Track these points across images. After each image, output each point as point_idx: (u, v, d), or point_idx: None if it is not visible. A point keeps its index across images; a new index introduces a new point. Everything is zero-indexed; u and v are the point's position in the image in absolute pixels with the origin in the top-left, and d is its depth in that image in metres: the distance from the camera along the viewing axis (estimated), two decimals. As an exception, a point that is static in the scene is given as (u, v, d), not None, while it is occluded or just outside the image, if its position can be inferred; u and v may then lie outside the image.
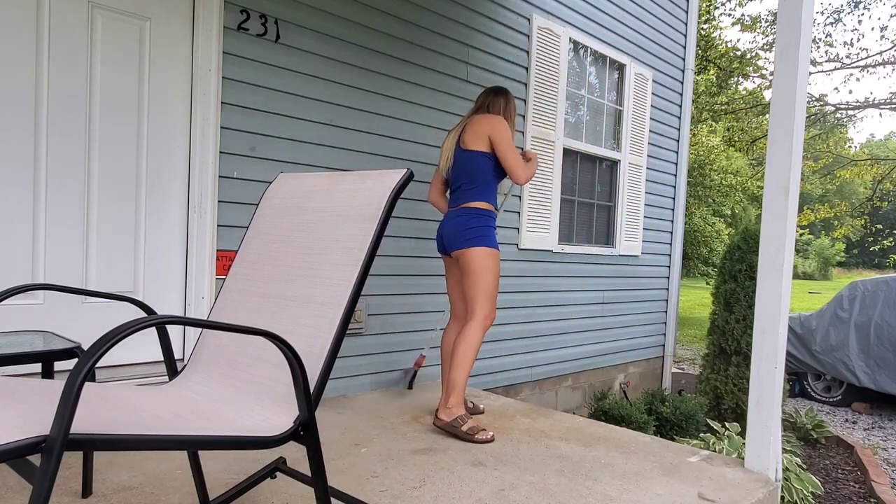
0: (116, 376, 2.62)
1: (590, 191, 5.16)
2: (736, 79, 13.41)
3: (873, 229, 22.67)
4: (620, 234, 5.38)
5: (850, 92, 16.82)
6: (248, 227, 1.87)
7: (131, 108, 2.73)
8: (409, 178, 1.63)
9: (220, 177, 2.89)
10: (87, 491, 1.94)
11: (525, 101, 4.44)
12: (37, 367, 2.37)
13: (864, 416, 6.19)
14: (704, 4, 11.79)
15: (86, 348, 2.02)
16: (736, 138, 14.02)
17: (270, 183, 1.90)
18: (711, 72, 12.79)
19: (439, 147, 3.87)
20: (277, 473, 2.10)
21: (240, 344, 1.62)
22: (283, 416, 1.40)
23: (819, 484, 3.62)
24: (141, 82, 2.75)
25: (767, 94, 13.34)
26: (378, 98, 3.51)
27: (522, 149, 4.33)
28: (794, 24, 2.37)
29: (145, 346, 2.82)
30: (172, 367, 1.70)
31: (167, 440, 1.12)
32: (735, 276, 5.12)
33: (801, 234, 30.90)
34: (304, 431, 1.34)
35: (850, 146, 19.48)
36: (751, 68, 12.86)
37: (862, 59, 13.25)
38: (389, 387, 3.64)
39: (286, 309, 1.60)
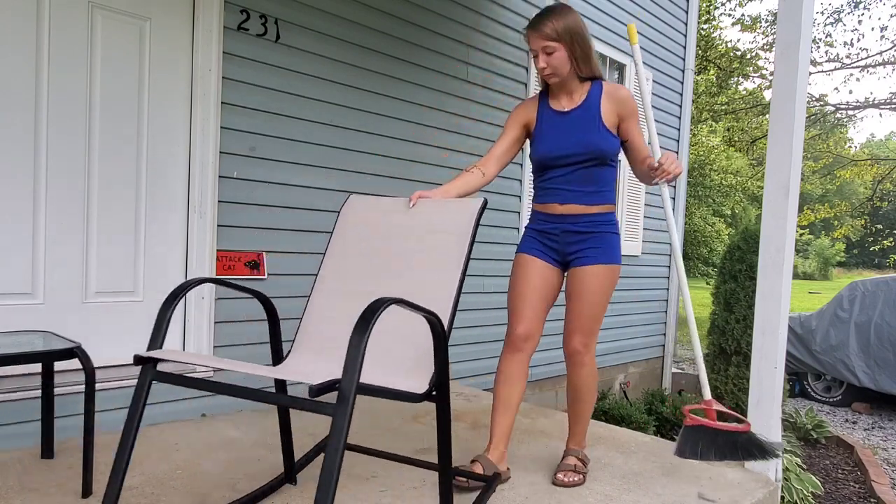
0: (116, 376, 2.62)
1: (590, 191, 5.15)
2: (736, 79, 13.41)
3: (873, 229, 22.67)
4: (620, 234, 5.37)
5: (850, 92, 16.82)
6: (331, 238, 2.16)
7: (131, 108, 2.73)
8: (485, 204, 2.05)
9: (220, 177, 2.89)
10: (87, 491, 1.94)
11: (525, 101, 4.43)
12: (37, 368, 2.38)
13: (864, 416, 6.19)
14: (704, 4, 11.79)
15: (86, 348, 2.02)
16: (736, 138, 14.02)
17: (344, 203, 2.23)
18: (711, 72, 12.80)
19: (439, 147, 3.87)
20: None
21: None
22: (412, 382, 1.76)
23: (819, 484, 3.62)
24: (141, 82, 2.75)
25: (767, 94, 13.34)
26: (378, 98, 3.51)
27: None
28: (794, 24, 2.37)
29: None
30: (279, 354, 1.99)
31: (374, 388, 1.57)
32: (735, 276, 5.12)
33: (801, 234, 30.89)
34: (437, 391, 1.72)
35: (850, 146, 19.47)
36: (751, 68, 12.87)
37: (862, 59, 13.25)
38: (389, 387, 3.64)
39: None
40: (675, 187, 6.09)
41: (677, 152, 6.10)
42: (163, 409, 2.74)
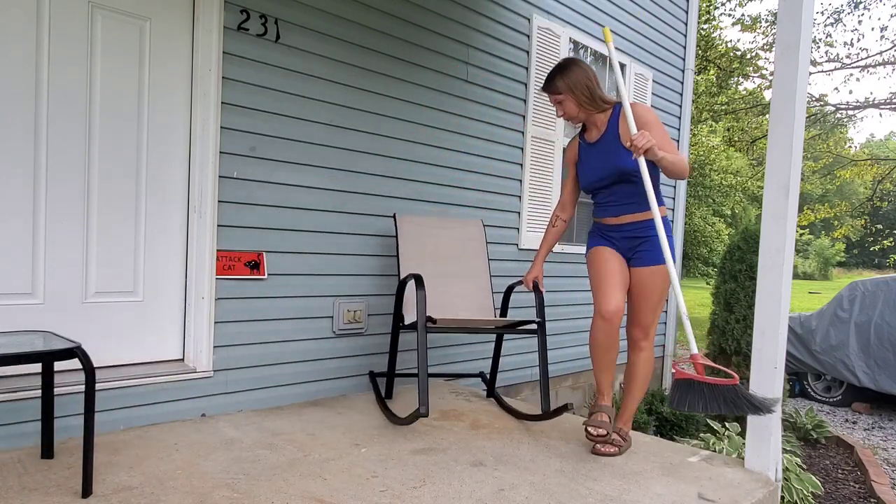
0: (116, 376, 2.62)
1: (590, 191, 5.15)
2: (736, 79, 13.41)
3: (873, 229, 22.63)
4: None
5: (850, 92, 16.81)
6: (398, 246, 3.38)
7: (131, 108, 2.73)
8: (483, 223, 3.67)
9: (220, 177, 2.88)
10: (87, 491, 1.94)
11: (525, 101, 4.44)
12: (37, 368, 2.38)
13: (864, 416, 6.19)
14: (704, 4, 11.78)
15: (86, 348, 2.02)
16: (736, 138, 14.02)
17: (396, 222, 3.44)
18: (711, 72, 12.79)
19: (439, 147, 3.87)
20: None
21: (451, 293, 3.42)
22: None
23: (819, 484, 3.62)
24: (141, 82, 2.75)
25: (767, 94, 13.33)
26: (378, 98, 3.51)
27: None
28: (794, 24, 2.37)
29: (146, 346, 2.82)
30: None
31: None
32: (735, 276, 5.12)
33: (801, 234, 30.88)
34: (539, 324, 3.03)
35: (850, 146, 19.45)
36: (751, 68, 12.86)
37: (862, 59, 13.24)
38: (389, 387, 3.64)
39: (458, 280, 3.47)
40: (675, 187, 6.09)
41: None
42: (163, 409, 2.74)
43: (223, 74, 2.87)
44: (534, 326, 2.99)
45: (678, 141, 6.09)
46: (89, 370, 1.94)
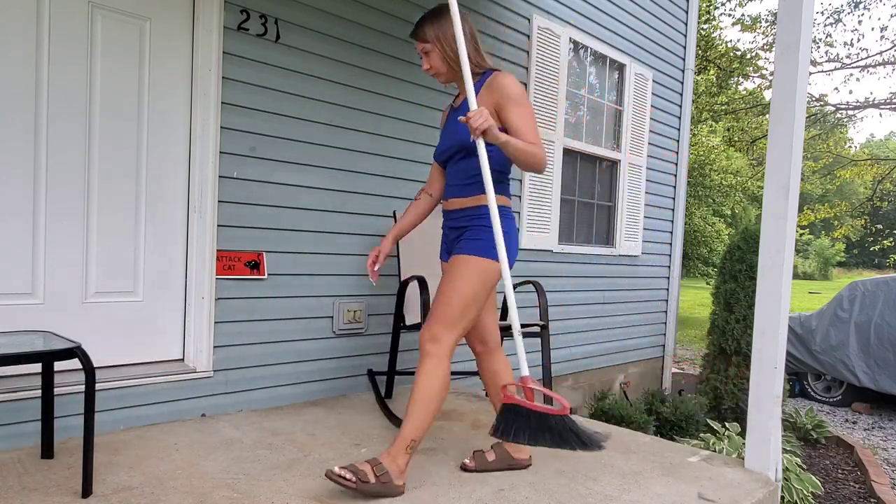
0: (116, 376, 2.62)
1: (590, 191, 5.16)
2: (736, 79, 13.40)
3: (873, 229, 22.65)
4: (620, 234, 5.38)
5: (851, 92, 16.82)
6: (399, 246, 3.26)
7: (131, 108, 2.73)
8: None
9: (220, 177, 2.88)
10: (87, 491, 1.94)
11: (525, 101, 4.43)
12: (37, 368, 2.38)
13: (864, 416, 6.19)
14: (704, 4, 11.78)
15: (86, 348, 2.02)
16: (736, 138, 14.02)
17: (396, 220, 2.77)
18: (711, 72, 12.79)
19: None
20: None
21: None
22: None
23: (819, 484, 3.62)
24: (141, 82, 2.75)
25: (767, 94, 13.33)
26: (378, 98, 3.51)
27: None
28: (794, 24, 2.37)
29: (146, 346, 2.82)
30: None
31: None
32: (735, 276, 5.12)
33: (801, 234, 30.89)
34: (542, 326, 3.00)
35: (850, 146, 19.46)
36: (751, 68, 12.86)
37: (862, 59, 13.24)
38: (389, 387, 3.64)
39: None
40: (675, 187, 6.09)
41: (677, 152, 6.10)
42: (163, 409, 2.74)
43: (223, 74, 2.87)
44: (537, 329, 2.98)
45: (678, 141, 6.09)
46: (89, 370, 1.94)
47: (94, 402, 1.95)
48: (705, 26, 12.05)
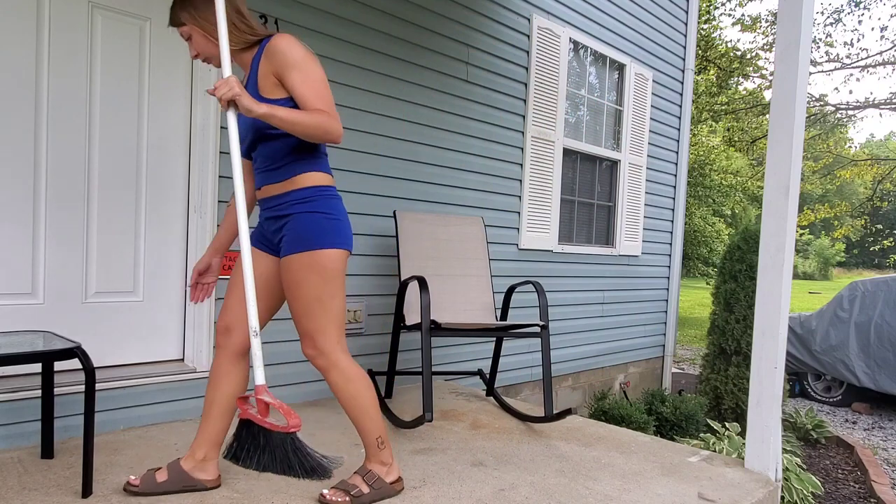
0: (116, 376, 2.62)
1: (590, 191, 5.16)
2: (736, 79, 13.40)
3: (873, 229, 22.65)
4: (620, 234, 5.38)
5: (851, 92, 16.82)
6: (399, 245, 3.36)
7: (131, 107, 2.72)
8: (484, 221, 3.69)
9: (220, 177, 2.88)
10: (87, 491, 1.94)
11: (525, 101, 4.44)
12: (37, 368, 2.38)
13: (864, 416, 6.19)
14: (704, 4, 11.78)
15: (86, 348, 2.02)
16: (736, 138, 14.01)
17: (396, 219, 3.42)
18: (711, 72, 12.78)
19: (439, 147, 3.87)
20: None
21: (453, 292, 3.44)
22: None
23: (819, 484, 3.62)
24: (141, 82, 2.75)
25: (767, 94, 13.33)
26: (378, 98, 3.51)
27: None
28: (794, 24, 2.37)
29: (146, 346, 2.82)
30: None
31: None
32: (735, 276, 5.12)
33: (801, 234, 30.88)
34: (542, 328, 2.96)
35: (850, 146, 19.47)
36: (751, 68, 12.86)
37: (862, 59, 13.24)
38: (389, 387, 3.64)
39: (459, 279, 3.47)
40: (675, 187, 6.09)
41: (677, 152, 6.09)
42: (163, 409, 2.74)
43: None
44: (537, 329, 2.98)
45: (678, 141, 6.09)
46: (89, 370, 1.94)
47: (94, 402, 1.95)
48: (705, 26, 12.05)
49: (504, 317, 3.43)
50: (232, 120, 1.85)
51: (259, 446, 1.80)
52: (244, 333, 2.01)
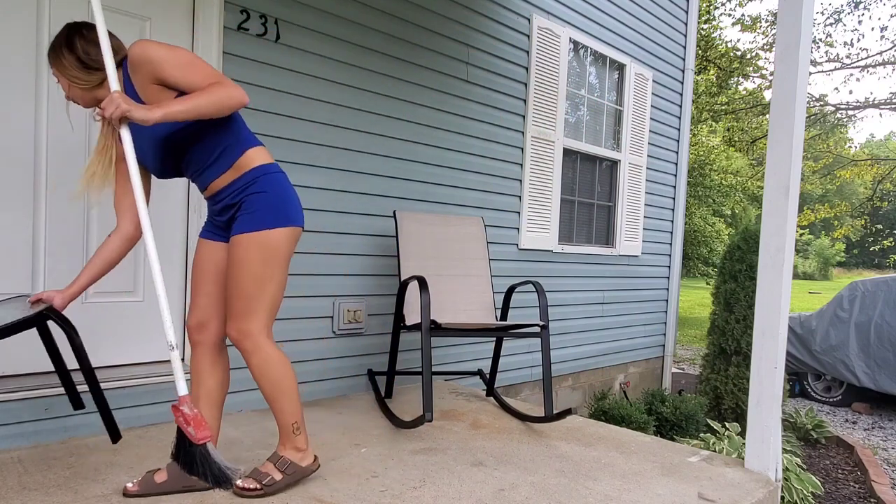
0: (117, 376, 2.62)
1: (590, 191, 5.16)
2: (736, 79, 13.40)
3: (873, 229, 22.65)
4: (620, 234, 5.38)
5: (851, 92, 16.83)
6: (399, 245, 3.35)
7: (131, 108, 2.72)
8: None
9: (220, 177, 2.88)
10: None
11: (525, 101, 4.44)
12: (37, 367, 2.37)
13: (864, 416, 6.20)
14: (704, 4, 11.78)
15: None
16: (736, 138, 14.01)
17: (396, 219, 3.41)
18: (711, 72, 12.78)
19: (439, 147, 3.87)
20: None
21: (453, 292, 3.43)
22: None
23: (819, 484, 3.62)
24: (141, 82, 2.74)
25: (767, 94, 13.33)
26: (378, 98, 3.51)
27: None
28: (794, 24, 2.37)
29: (146, 346, 2.82)
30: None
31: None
32: (735, 276, 5.12)
33: (801, 234, 30.89)
34: (542, 327, 2.97)
35: (850, 146, 19.47)
36: (751, 68, 12.86)
37: (862, 59, 13.24)
38: (389, 387, 3.64)
39: (459, 279, 3.46)
40: (675, 187, 6.09)
41: (677, 152, 6.10)
42: (163, 409, 2.74)
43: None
44: (537, 329, 2.98)
45: (678, 141, 6.09)
46: (68, 324, 1.97)
47: (86, 355, 1.99)
48: (705, 26, 12.06)
49: (504, 317, 3.43)
50: (126, 136, 1.87)
51: (186, 450, 1.92)
52: (220, 325, 2.08)
